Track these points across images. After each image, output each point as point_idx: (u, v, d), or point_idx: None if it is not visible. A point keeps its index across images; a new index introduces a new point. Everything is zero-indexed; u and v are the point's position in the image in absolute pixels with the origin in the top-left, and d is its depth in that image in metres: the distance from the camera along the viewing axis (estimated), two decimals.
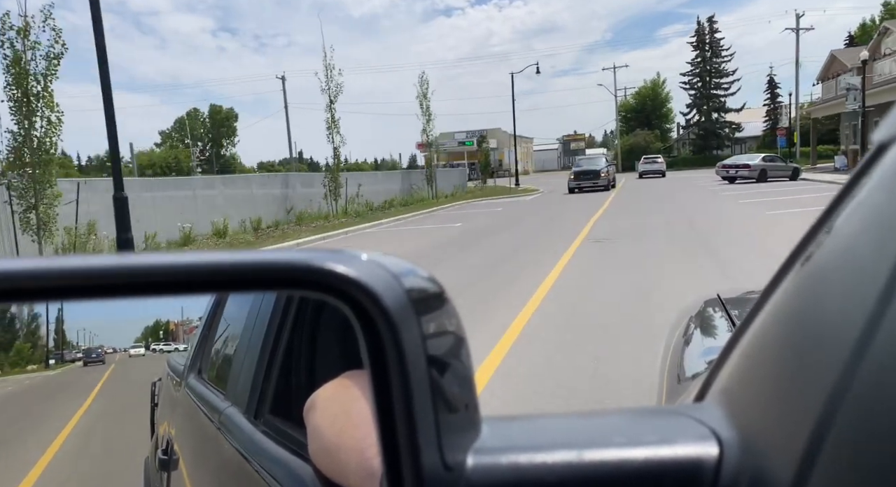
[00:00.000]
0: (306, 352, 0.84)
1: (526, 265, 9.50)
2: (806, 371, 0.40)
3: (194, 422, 1.14)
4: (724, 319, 1.57)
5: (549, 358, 4.91)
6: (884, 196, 0.41)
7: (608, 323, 5.77)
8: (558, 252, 10.37)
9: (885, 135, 0.45)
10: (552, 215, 18.90)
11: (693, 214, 15.45)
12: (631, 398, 3.70)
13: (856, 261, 0.41)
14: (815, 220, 0.50)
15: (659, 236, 11.73)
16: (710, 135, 63.53)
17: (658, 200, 21.77)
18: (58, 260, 0.43)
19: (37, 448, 1.08)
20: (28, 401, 1.08)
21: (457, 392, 0.45)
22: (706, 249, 9.71)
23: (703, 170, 52.42)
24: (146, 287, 0.43)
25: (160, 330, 1.13)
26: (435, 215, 22.85)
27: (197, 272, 0.43)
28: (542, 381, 4.40)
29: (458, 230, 16.30)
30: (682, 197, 22.76)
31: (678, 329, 1.67)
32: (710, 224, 13.13)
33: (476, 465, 0.43)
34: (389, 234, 16.97)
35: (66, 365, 1.02)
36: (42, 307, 0.91)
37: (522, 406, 3.94)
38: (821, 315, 0.42)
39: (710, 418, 0.48)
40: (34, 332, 0.95)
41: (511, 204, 26.42)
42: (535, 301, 6.88)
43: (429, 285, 0.47)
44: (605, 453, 0.44)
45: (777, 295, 0.51)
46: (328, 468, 0.52)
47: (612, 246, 10.74)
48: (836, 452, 0.35)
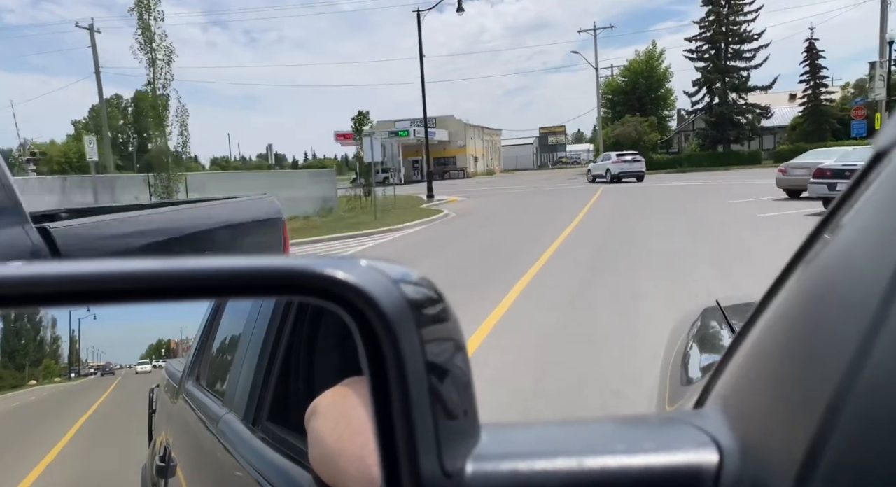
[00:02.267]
0: (305, 359, 0.84)
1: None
2: (806, 377, 0.40)
3: (192, 429, 1.15)
4: (723, 326, 1.54)
5: None
6: (883, 202, 0.42)
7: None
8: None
9: (884, 143, 0.45)
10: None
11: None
12: None
13: (855, 268, 0.41)
14: (815, 227, 0.51)
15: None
16: (726, 123, 45.33)
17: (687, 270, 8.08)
18: (58, 265, 0.43)
19: (45, 445, 1.11)
20: (55, 403, 1.09)
21: (456, 398, 0.45)
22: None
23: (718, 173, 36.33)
24: (147, 292, 0.43)
25: (162, 348, 1.17)
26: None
27: (196, 277, 0.43)
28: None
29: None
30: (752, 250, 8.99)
31: (678, 336, 1.66)
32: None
33: (475, 472, 0.44)
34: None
35: (85, 378, 1.06)
36: (61, 324, 0.97)
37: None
38: (821, 321, 0.42)
39: (710, 425, 0.48)
40: (56, 350, 1.01)
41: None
42: None
43: (428, 291, 0.46)
44: (605, 460, 0.44)
45: (776, 302, 0.51)
46: (328, 475, 0.52)
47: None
48: (836, 459, 0.34)
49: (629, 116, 48.91)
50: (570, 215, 16.26)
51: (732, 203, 17.01)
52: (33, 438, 1.12)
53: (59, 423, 1.11)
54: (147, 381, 1.15)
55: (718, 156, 44.78)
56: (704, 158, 44.77)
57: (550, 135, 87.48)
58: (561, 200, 22.60)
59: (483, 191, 32.43)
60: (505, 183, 41.91)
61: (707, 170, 41.26)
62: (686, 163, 44.37)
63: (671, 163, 45.49)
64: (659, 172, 42.53)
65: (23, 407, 1.05)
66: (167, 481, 1.11)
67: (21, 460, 1.07)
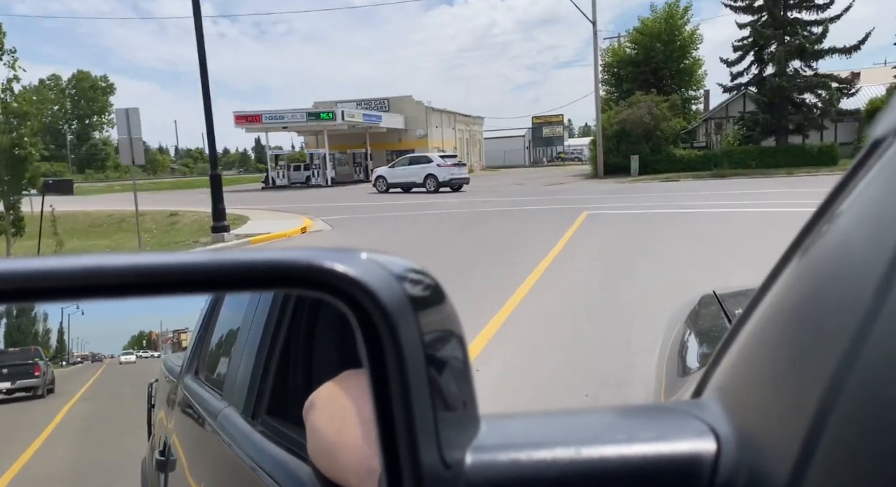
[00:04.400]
0: (303, 352, 0.84)
1: None
2: (803, 366, 0.40)
3: (191, 423, 1.14)
4: (720, 315, 1.53)
5: None
6: (880, 191, 0.42)
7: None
8: None
9: (882, 131, 0.45)
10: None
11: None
12: None
13: (852, 257, 0.41)
14: (812, 216, 0.50)
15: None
16: (784, 104, 30.16)
17: None
18: (58, 260, 0.42)
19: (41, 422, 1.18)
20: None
21: (455, 390, 0.45)
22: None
23: (779, 180, 21.88)
24: (148, 286, 0.43)
25: (143, 340, 1.19)
26: None
27: (196, 271, 0.43)
28: None
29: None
30: None
31: (675, 325, 1.65)
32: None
33: (475, 463, 0.44)
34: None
35: (74, 365, 1.12)
36: (52, 318, 1.04)
37: None
38: (817, 310, 0.42)
39: (708, 414, 0.48)
40: (46, 341, 1.09)
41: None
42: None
43: (428, 283, 0.46)
44: (603, 450, 0.44)
45: (773, 291, 0.51)
46: (327, 467, 0.52)
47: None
48: (833, 447, 0.35)
49: (641, 94, 33.90)
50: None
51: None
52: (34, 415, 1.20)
53: (57, 401, 1.16)
54: (132, 371, 1.16)
55: (772, 153, 30.13)
56: (751, 155, 30.12)
57: (545, 126, 72.64)
58: (514, 236, 11.67)
59: (386, 208, 18.38)
60: (467, 189, 27.51)
61: (758, 173, 26.67)
62: (725, 163, 29.76)
63: (702, 163, 30.86)
64: (685, 175, 27.97)
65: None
66: (167, 475, 1.11)
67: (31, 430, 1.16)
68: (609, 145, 32.28)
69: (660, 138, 31.66)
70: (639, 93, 33.40)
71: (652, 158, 31.40)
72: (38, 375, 1.16)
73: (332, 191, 31.77)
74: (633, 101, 32.68)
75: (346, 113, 37.98)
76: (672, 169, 30.78)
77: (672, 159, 31.45)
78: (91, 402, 1.19)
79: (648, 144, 31.66)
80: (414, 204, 20.98)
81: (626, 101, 33.68)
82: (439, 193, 26.13)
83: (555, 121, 72.05)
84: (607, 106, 35.28)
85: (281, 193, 31.99)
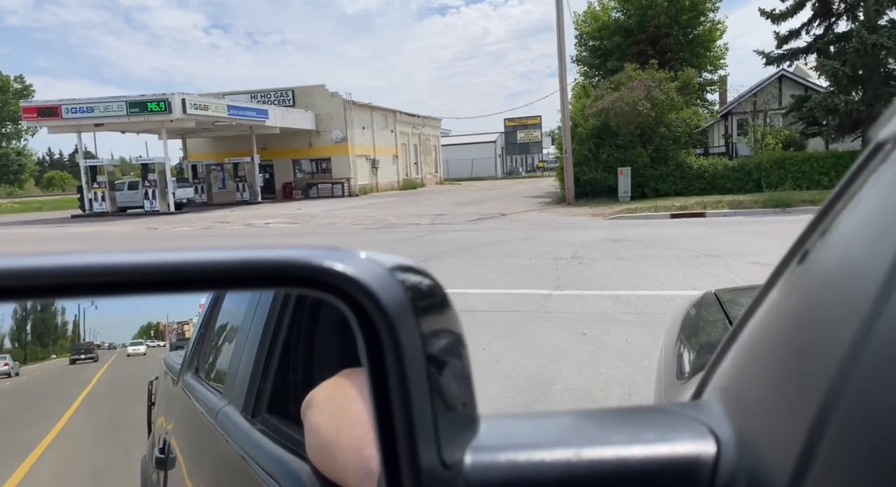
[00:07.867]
0: (303, 351, 0.84)
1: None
2: (803, 368, 0.40)
3: (191, 421, 1.15)
4: (720, 317, 1.52)
5: None
6: (880, 194, 0.42)
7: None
8: None
9: (884, 135, 0.45)
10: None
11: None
12: None
13: (852, 259, 0.41)
14: (812, 219, 0.50)
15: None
16: (875, 78, 16.72)
17: None
18: (61, 257, 0.42)
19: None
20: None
21: (455, 390, 0.45)
22: None
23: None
24: (149, 285, 0.43)
25: (151, 330, 1.23)
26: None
27: (196, 270, 0.43)
28: None
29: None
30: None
31: (675, 326, 1.63)
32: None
33: (474, 463, 0.44)
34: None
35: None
36: (68, 312, 1.13)
37: None
38: (817, 313, 0.42)
39: (708, 416, 0.48)
40: (65, 333, 1.20)
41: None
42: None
43: (427, 283, 0.46)
44: (603, 451, 0.44)
45: (774, 294, 0.51)
46: (326, 466, 0.52)
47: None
48: (833, 449, 0.35)
49: (630, 68, 20.84)
50: None
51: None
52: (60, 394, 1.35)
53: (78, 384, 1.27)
54: (140, 361, 1.22)
55: (848, 159, 17.86)
56: (825, 164, 17.79)
57: (520, 130, 60.11)
58: None
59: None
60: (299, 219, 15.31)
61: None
62: (774, 178, 17.50)
63: (736, 178, 18.61)
64: (712, 201, 15.70)
65: (50, 374, 1.27)
66: (167, 472, 1.11)
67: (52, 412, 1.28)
68: (583, 152, 19.83)
69: (665, 138, 19.41)
70: (630, 67, 21.02)
71: (653, 171, 19.15)
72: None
73: (131, 226, 19.42)
74: (621, 81, 20.29)
75: (189, 102, 24.80)
76: (687, 188, 18.66)
77: (685, 172, 19.20)
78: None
79: (647, 149, 19.37)
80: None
81: (610, 80, 21.30)
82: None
83: (531, 123, 59.61)
84: (584, 94, 23.02)
85: (55, 229, 19.67)
